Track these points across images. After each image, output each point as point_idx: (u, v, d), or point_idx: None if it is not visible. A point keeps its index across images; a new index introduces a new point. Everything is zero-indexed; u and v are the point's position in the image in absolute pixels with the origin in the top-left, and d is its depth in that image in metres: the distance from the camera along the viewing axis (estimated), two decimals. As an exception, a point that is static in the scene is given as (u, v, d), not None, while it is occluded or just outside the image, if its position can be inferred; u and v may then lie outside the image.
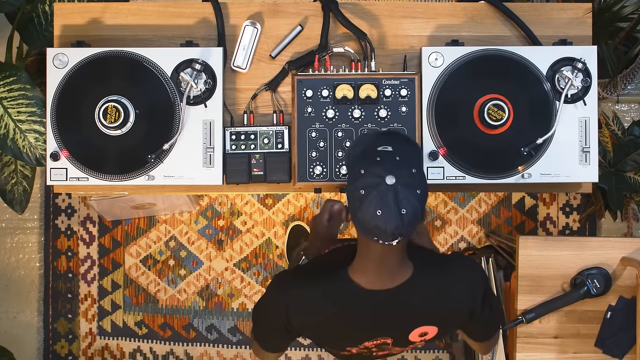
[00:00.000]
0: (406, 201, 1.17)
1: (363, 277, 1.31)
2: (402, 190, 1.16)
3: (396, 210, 1.16)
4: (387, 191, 1.16)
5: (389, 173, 1.17)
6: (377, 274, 1.30)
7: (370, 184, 1.18)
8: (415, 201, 1.18)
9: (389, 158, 1.20)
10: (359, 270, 1.32)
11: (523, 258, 1.81)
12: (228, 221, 2.71)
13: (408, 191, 1.17)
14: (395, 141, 1.26)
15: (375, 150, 1.23)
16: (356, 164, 1.23)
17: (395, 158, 1.20)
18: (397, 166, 1.18)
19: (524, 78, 1.63)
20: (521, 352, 1.83)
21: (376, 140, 1.26)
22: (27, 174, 2.17)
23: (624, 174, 2.18)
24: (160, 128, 1.62)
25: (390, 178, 1.16)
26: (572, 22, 1.73)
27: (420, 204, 1.19)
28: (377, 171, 1.18)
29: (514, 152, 1.62)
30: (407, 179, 1.18)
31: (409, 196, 1.17)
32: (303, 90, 1.63)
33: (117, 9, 1.72)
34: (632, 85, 2.67)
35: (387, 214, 1.16)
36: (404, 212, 1.16)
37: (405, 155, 1.22)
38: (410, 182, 1.18)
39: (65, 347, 2.76)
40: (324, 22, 1.68)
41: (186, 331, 2.73)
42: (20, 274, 2.76)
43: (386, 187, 1.16)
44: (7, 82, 1.88)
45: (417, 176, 1.20)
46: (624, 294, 1.80)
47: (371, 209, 1.17)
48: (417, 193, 1.18)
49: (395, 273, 1.31)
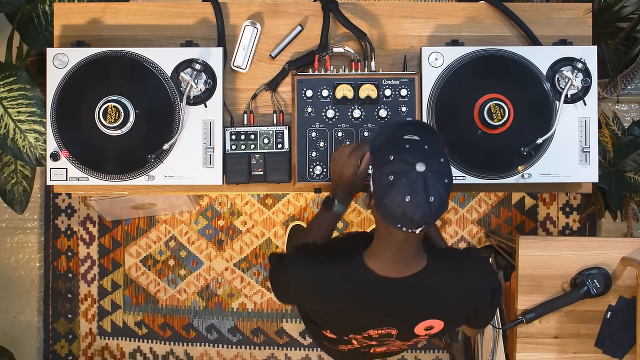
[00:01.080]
0: (434, 189, 1.17)
1: (378, 263, 1.32)
2: (431, 177, 1.17)
3: (425, 197, 1.17)
4: (417, 178, 1.16)
5: (420, 160, 1.17)
6: (393, 261, 1.31)
7: (399, 170, 1.17)
8: (443, 189, 1.18)
9: (418, 146, 1.20)
10: (374, 256, 1.33)
11: (523, 258, 1.81)
12: (228, 221, 2.71)
13: (436, 179, 1.18)
14: (421, 131, 1.26)
15: (402, 138, 1.23)
16: (383, 149, 1.23)
17: (424, 146, 1.20)
18: (427, 154, 1.19)
19: (524, 78, 1.63)
20: (521, 352, 1.83)
21: (402, 128, 1.26)
22: (27, 174, 2.17)
23: (624, 174, 2.18)
24: (160, 128, 1.62)
25: (421, 165, 1.17)
26: (572, 22, 1.72)
27: (447, 192, 1.20)
28: (408, 158, 1.18)
29: (514, 152, 1.62)
30: (436, 166, 1.18)
31: (437, 184, 1.18)
32: (303, 90, 1.63)
33: (117, 9, 1.72)
34: (632, 85, 2.67)
35: (416, 201, 1.17)
36: (432, 200, 1.17)
37: (432, 144, 1.22)
38: (439, 170, 1.19)
39: (65, 347, 2.76)
40: (324, 22, 1.68)
41: (186, 331, 2.73)
42: (20, 274, 2.76)
43: (416, 174, 1.17)
44: (7, 82, 1.88)
45: (445, 165, 1.21)
46: (624, 294, 1.80)
47: (399, 196, 1.17)
48: (445, 182, 1.19)
49: (410, 262, 1.32)
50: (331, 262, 1.38)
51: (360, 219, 2.69)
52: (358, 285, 1.35)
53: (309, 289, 1.41)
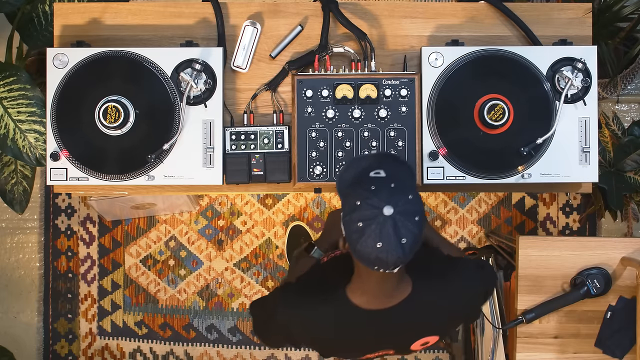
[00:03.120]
0: (405, 230, 1.14)
1: (362, 298, 1.30)
2: (400, 219, 1.14)
3: (396, 240, 1.13)
4: (386, 222, 1.13)
5: (386, 203, 1.13)
6: (376, 295, 1.29)
7: (367, 216, 1.14)
8: (415, 228, 1.15)
9: (384, 185, 1.16)
10: (357, 291, 1.30)
11: (523, 258, 1.81)
12: (228, 221, 2.71)
13: (406, 219, 1.14)
14: (386, 163, 1.22)
15: (367, 176, 1.19)
16: (350, 193, 1.20)
17: (390, 185, 1.16)
18: (393, 193, 1.15)
19: (524, 78, 1.63)
20: (521, 352, 1.83)
21: (366, 164, 1.23)
22: (27, 174, 2.17)
23: (624, 174, 2.18)
24: (160, 128, 1.62)
25: (388, 208, 1.13)
26: (572, 22, 1.73)
27: (419, 230, 1.16)
28: (374, 202, 1.14)
29: (514, 152, 1.62)
30: (404, 206, 1.14)
31: (407, 224, 1.14)
32: (303, 90, 1.63)
33: (117, 9, 1.72)
34: (632, 85, 2.67)
35: (388, 246, 1.13)
36: (404, 242, 1.14)
37: (399, 180, 1.18)
38: (408, 210, 1.15)
39: (65, 347, 2.76)
40: (324, 22, 1.68)
41: (186, 331, 2.73)
42: (20, 274, 2.76)
43: (384, 218, 1.13)
44: (7, 82, 1.88)
45: (414, 201, 1.16)
46: (624, 294, 1.80)
47: (370, 242, 1.14)
48: (416, 220, 1.15)
49: (393, 292, 1.30)
50: (317, 301, 1.36)
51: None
52: (346, 322, 1.34)
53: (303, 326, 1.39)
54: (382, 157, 1.27)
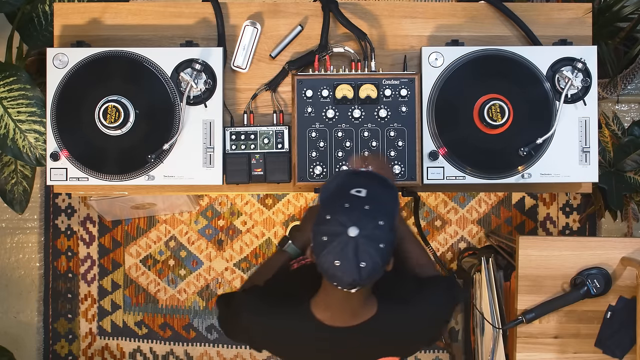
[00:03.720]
0: (366, 255, 1.13)
1: (325, 313, 1.30)
2: (363, 243, 1.13)
3: (354, 263, 1.13)
4: (348, 243, 1.13)
5: (353, 224, 1.13)
6: (340, 312, 1.29)
7: (332, 232, 1.14)
8: (377, 255, 1.14)
9: (358, 206, 1.16)
10: (321, 306, 1.30)
11: (523, 258, 1.81)
12: (228, 221, 2.71)
13: (370, 245, 1.14)
14: (372, 184, 1.21)
15: (347, 192, 1.18)
16: (326, 204, 1.20)
17: (364, 207, 1.16)
18: (364, 216, 1.15)
19: (524, 78, 1.63)
20: (521, 352, 1.83)
21: (351, 180, 1.22)
22: (27, 174, 2.17)
23: (624, 174, 2.18)
24: (160, 128, 1.62)
25: (354, 230, 1.13)
26: (572, 22, 1.73)
27: (382, 258, 1.15)
28: (342, 220, 1.14)
29: (514, 152, 1.62)
30: (371, 231, 1.14)
31: (370, 250, 1.13)
32: (303, 90, 1.63)
33: (117, 9, 1.72)
34: (632, 85, 2.67)
35: (345, 266, 1.13)
36: (363, 266, 1.13)
37: (376, 203, 1.18)
38: (374, 235, 1.14)
39: (65, 347, 2.76)
40: (324, 22, 1.68)
41: (186, 331, 2.73)
42: (20, 274, 2.76)
43: (347, 239, 1.13)
44: (7, 82, 1.88)
45: (384, 228, 1.16)
46: (624, 294, 1.80)
47: (330, 258, 1.14)
48: (380, 247, 1.14)
49: (357, 311, 1.29)
50: (281, 311, 1.35)
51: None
52: (308, 336, 1.33)
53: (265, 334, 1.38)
54: (370, 177, 1.26)
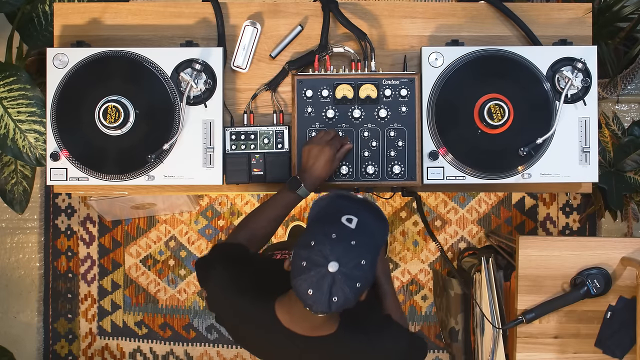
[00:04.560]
0: (340, 291, 1.14)
1: (286, 316, 1.30)
2: (341, 279, 1.13)
3: (327, 297, 1.14)
4: (325, 276, 1.13)
5: (335, 259, 1.13)
6: (299, 320, 1.29)
7: (313, 261, 1.14)
8: (350, 293, 1.14)
9: (345, 239, 1.15)
10: (284, 309, 1.30)
11: (523, 258, 1.81)
12: (228, 221, 2.71)
13: (346, 282, 1.13)
14: (365, 213, 1.20)
15: (337, 219, 1.17)
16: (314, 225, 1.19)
17: (350, 241, 1.15)
18: (348, 252, 1.14)
19: (524, 78, 1.63)
20: (521, 352, 1.83)
21: (346, 205, 1.21)
22: (27, 174, 2.17)
23: (624, 174, 2.18)
24: (160, 128, 1.62)
25: (334, 265, 1.13)
26: (572, 22, 1.73)
27: (355, 296, 1.15)
28: (325, 252, 1.13)
29: (514, 152, 1.62)
30: (351, 269, 1.14)
31: (345, 287, 1.14)
32: (303, 90, 1.63)
33: (117, 9, 1.72)
34: (632, 85, 2.67)
35: (317, 297, 1.14)
36: (334, 300, 1.14)
37: (364, 237, 1.17)
38: (352, 274, 1.14)
39: (65, 347, 2.76)
40: (324, 22, 1.68)
41: (186, 331, 2.73)
42: (20, 274, 2.76)
43: (326, 272, 1.13)
44: (7, 82, 1.88)
45: (364, 268, 1.15)
46: (624, 294, 1.80)
47: (305, 286, 1.14)
48: (356, 287, 1.15)
49: (317, 326, 1.29)
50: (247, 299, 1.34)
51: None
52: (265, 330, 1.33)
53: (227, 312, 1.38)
54: (364, 206, 1.24)
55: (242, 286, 1.36)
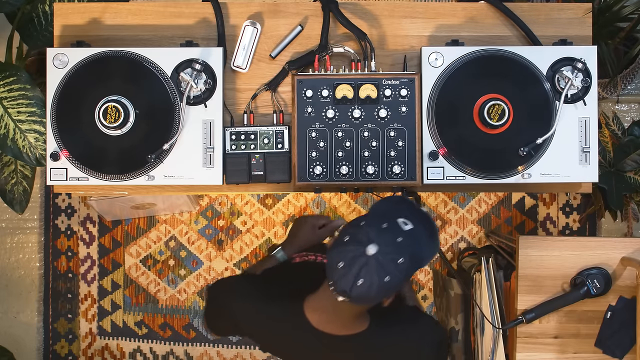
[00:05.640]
0: (368, 277, 1.13)
1: (315, 314, 1.30)
2: (374, 265, 1.13)
3: (354, 276, 1.14)
4: (361, 256, 1.14)
5: (377, 245, 1.13)
6: (328, 318, 1.29)
7: (355, 238, 1.15)
8: (376, 283, 1.14)
9: (394, 233, 1.16)
10: (314, 306, 1.30)
11: (523, 258, 1.81)
12: (228, 221, 2.71)
13: (377, 271, 1.13)
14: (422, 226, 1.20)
15: (394, 217, 1.18)
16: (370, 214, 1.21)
17: (397, 238, 1.15)
18: (390, 244, 1.14)
19: (524, 78, 1.63)
20: (521, 352, 1.83)
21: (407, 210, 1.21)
22: (27, 174, 2.17)
23: (624, 174, 2.18)
24: (160, 128, 1.62)
25: (373, 248, 1.13)
26: (572, 22, 1.73)
27: (379, 290, 1.15)
28: (370, 234, 1.14)
29: (514, 152, 1.62)
30: (387, 260, 1.14)
31: (374, 275, 1.13)
32: (303, 90, 1.63)
33: (117, 9, 1.72)
34: (632, 85, 2.67)
35: (344, 272, 1.14)
36: (359, 284, 1.14)
37: (412, 243, 1.17)
38: (386, 266, 1.14)
39: (65, 347, 2.76)
40: (324, 22, 1.68)
41: (186, 331, 2.73)
42: (20, 274, 2.76)
43: (362, 252, 1.14)
44: (7, 82, 1.88)
45: (399, 267, 1.15)
46: (624, 294, 1.80)
47: (338, 257, 1.15)
48: (384, 280, 1.14)
49: (347, 322, 1.29)
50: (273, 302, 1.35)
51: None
52: (293, 333, 1.33)
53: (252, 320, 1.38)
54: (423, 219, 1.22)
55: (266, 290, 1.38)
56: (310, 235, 1.63)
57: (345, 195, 2.68)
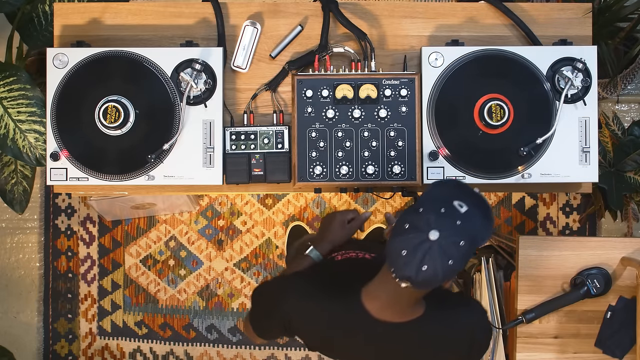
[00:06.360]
0: (432, 262, 1.14)
1: (374, 303, 1.30)
2: (437, 250, 1.14)
3: (418, 263, 1.14)
4: (424, 242, 1.14)
5: (438, 229, 1.14)
6: (388, 305, 1.29)
7: (416, 225, 1.15)
8: (440, 268, 1.15)
9: (451, 216, 1.16)
10: (372, 295, 1.31)
11: (523, 258, 1.81)
12: (228, 221, 2.71)
13: (440, 255, 1.14)
14: (477, 207, 1.20)
15: (450, 200, 1.18)
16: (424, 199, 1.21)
17: (456, 221, 1.16)
18: (450, 228, 1.15)
19: (524, 78, 1.63)
20: (521, 352, 1.83)
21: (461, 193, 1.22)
22: (27, 174, 2.17)
23: (624, 174, 2.18)
24: (160, 128, 1.62)
25: (435, 234, 1.14)
26: (572, 22, 1.73)
27: (444, 273, 1.16)
28: (430, 220, 1.15)
29: (514, 152, 1.62)
30: (449, 244, 1.14)
31: (437, 260, 1.14)
32: (303, 90, 1.63)
33: (117, 9, 1.72)
34: (632, 85, 2.67)
35: (408, 259, 1.15)
36: (424, 269, 1.14)
37: (470, 225, 1.17)
38: (449, 250, 1.14)
39: (65, 347, 2.76)
40: (324, 22, 1.68)
41: (186, 331, 2.73)
42: (20, 274, 2.76)
43: (425, 238, 1.14)
44: (7, 82, 1.88)
45: (460, 250, 1.16)
46: (624, 294, 1.80)
47: (400, 245, 1.16)
48: (448, 264, 1.15)
49: (405, 310, 1.31)
50: (328, 296, 1.35)
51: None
52: (351, 326, 1.34)
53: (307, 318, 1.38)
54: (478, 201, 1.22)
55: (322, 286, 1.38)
56: (340, 231, 1.61)
57: (345, 195, 2.68)
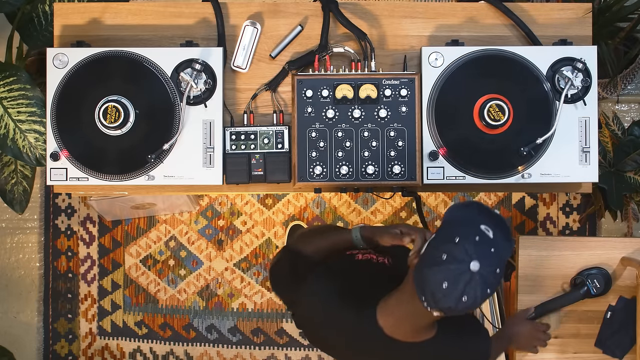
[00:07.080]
0: (473, 292, 1.14)
1: (389, 320, 1.30)
2: (478, 280, 1.14)
3: (460, 293, 1.14)
4: (465, 273, 1.14)
5: (478, 259, 1.14)
6: (402, 324, 1.30)
7: (455, 256, 1.15)
8: (480, 297, 1.15)
9: (487, 245, 1.16)
10: (388, 312, 1.31)
11: (523, 258, 1.81)
12: (228, 221, 2.71)
13: (481, 285, 1.15)
14: (499, 230, 1.20)
15: (477, 226, 1.18)
16: (454, 225, 1.20)
17: (491, 249, 1.16)
18: (488, 257, 1.15)
19: (524, 78, 1.63)
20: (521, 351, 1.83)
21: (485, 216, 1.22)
22: (27, 174, 2.17)
23: (624, 174, 2.18)
24: (160, 128, 1.62)
25: (476, 265, 1.14)
26: (572, 22, 1.73)
27: (482, 300, 1.17)
28: (470, 250, 1.14)
29: (514, 152, 1.62)
30: (488, 273, 1.15)
31: (477, 289, 1.14)
32: (303, 90, 1.63)
33: (117, 9, 1.72)
34: (632, 85, 2.67)
35: (449, 291, 1.14)
36: (464, 300, 1.14)
37: (499, 250, 1.18)
38: (489, 279, 1.15)
39: (65, 347, 2.76)
40: (324, 22, 1.68)
41: (186, 331, 2.73)
42: (20, 274, 2.76)
43: (466, 269, 1.14)
44: (7, 82, 1.88)
45: (497, 278, 1.17)
46: (624, 294, 1.80)
47: (440, 277, 1.15)
48: (487, 292, 1.16)
49: (419, 330, 1.31)
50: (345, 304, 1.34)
51: (360, 219, 2.69)
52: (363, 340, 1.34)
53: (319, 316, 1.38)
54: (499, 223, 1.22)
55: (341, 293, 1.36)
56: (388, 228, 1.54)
57: (345, 195, 2.68)
